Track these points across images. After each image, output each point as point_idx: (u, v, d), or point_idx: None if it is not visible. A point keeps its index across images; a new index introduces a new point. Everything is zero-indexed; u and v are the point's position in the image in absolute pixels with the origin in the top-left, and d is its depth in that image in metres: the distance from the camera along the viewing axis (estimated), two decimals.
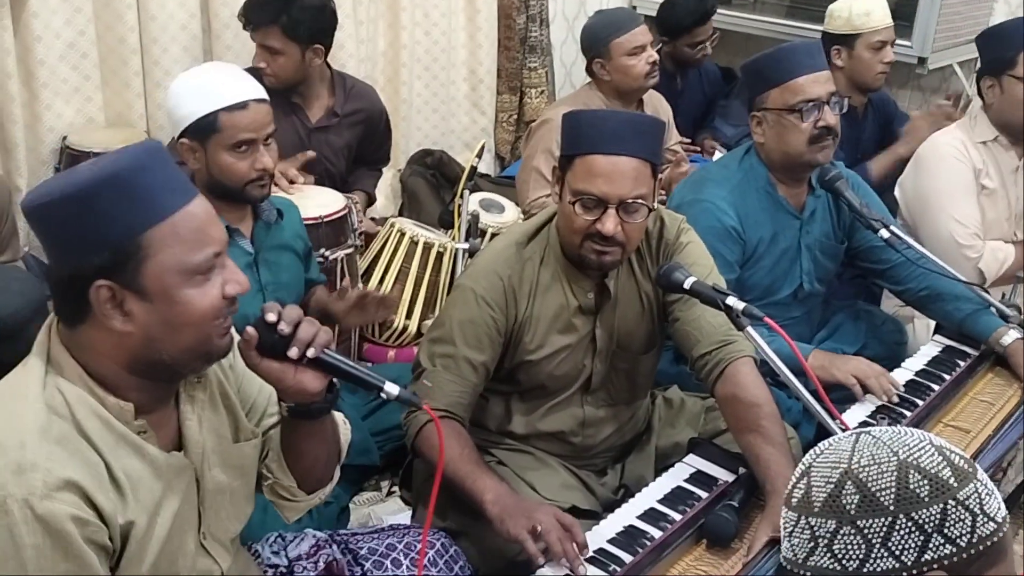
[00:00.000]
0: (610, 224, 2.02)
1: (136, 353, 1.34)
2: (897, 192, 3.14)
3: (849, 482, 1.09)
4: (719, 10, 4.36)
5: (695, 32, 4.19)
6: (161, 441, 1.43)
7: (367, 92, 3.56)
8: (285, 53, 3.19)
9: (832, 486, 1.09)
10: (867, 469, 1.09)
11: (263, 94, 2.30)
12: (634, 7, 4.87)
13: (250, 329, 1.40)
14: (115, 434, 1.35)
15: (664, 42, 4.20)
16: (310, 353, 1.40)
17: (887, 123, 3.77)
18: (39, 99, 3.32)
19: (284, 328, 1.39)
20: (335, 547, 1.92)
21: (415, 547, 1.94)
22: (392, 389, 1.43)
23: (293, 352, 1.39)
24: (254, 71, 3.22)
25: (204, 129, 2.24)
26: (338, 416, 1.64)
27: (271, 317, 1.39)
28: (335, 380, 1.48)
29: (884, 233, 2.49)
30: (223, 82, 2.26)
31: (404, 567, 1.89)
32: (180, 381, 1.46)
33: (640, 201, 2.03)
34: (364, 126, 3.52)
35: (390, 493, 2.79)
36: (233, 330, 1.44)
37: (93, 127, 3.45)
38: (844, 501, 1.08)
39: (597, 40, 3.49)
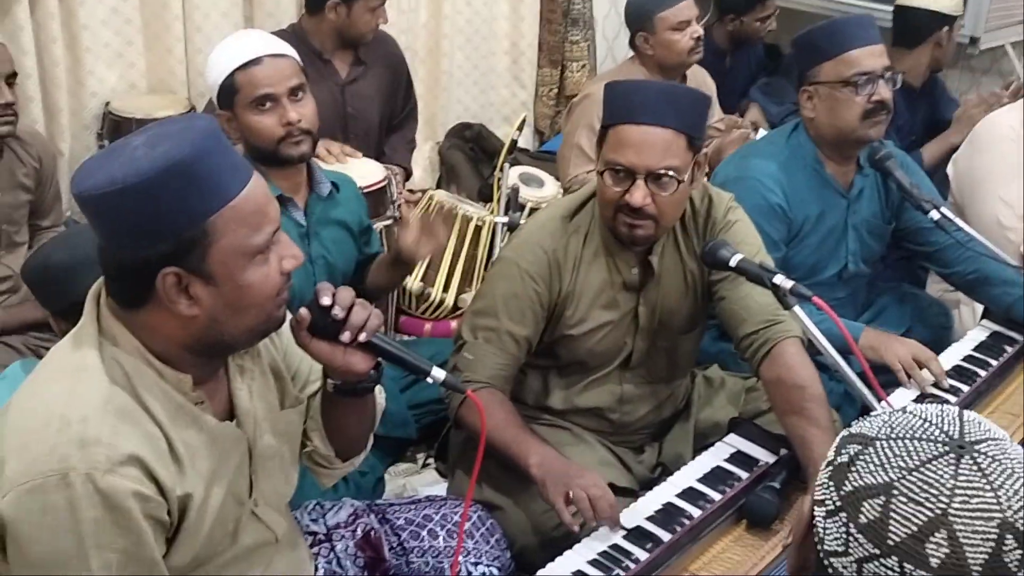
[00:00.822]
0: (638, 195, 1.98)
1: (198, 334, 1.34)
2: (950, 169, 3.08)
3: (1010, 536, 0.92)
4: (777, 7, 4.31)
5: (766, 5, 4.13)
6: (214, 411, 1.43)
7: (383, 36, 3.55)
8: None
9: (992, 543, 0.91)
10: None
11: (281, 49, 2.27)
12: None
13: (303, 311, 1.40)
14: (174, 405, 1.35)
15: (731, 19, 4.15)
16: (361, 338, 1.40)
17: (935, 106, 3.71)
18: (82, 64, 3.33)
19: (338, 312, 1.39)
20: (372, 516, 1.92)
21: (451, 518, 1.94)
22: (439, 374, 1.44)
23: (345, 336, 1.39)
24: (292, 31, 3.22)
25: (228, 94, 2.24)
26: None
27: (325, 300, 1.39)
28: (379, 359, 1.48)
29: (934, 214, 2.43)
30: (236, 44, 2.26)
31: (440, 538, 1.89)
32: (229, 355, 1.46)
33: (671, 173, 1.98)
34: (389, 72, 3.52)
35: (425, 465, 2.79)
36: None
37: (135, 93, 3.47)
38: (1006, 560, 0.91)
39: (642, 13, 3.44)
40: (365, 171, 3.03)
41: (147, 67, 3.48)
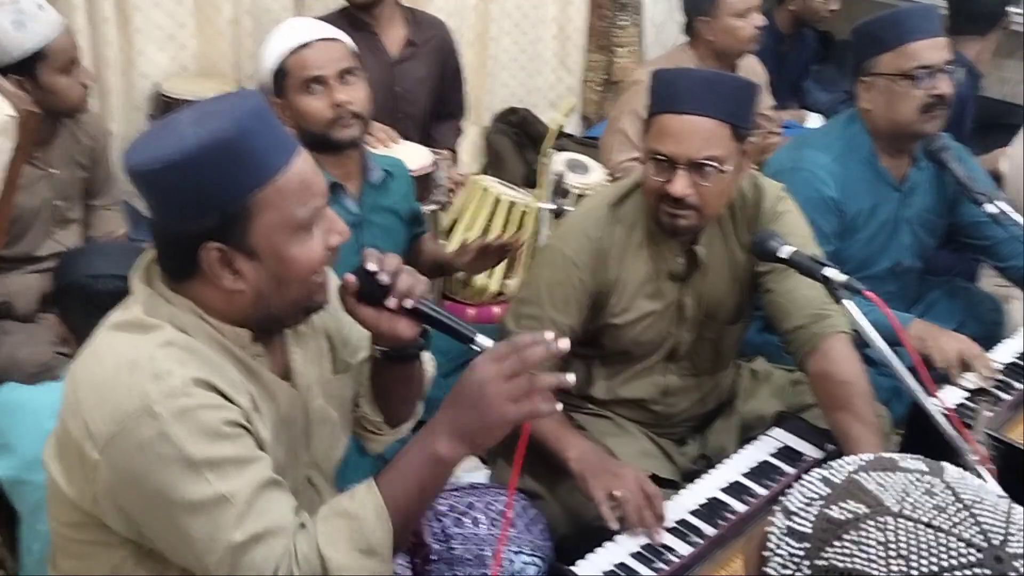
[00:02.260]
0: (679, 185, 1.96)
1: (244, 309, 1.35)
2: (1003, 165, 3.02)
3: None
4: None
5: None
6: (272, 370, 1.45)
7: (434, 19, 3.57)
8: None
9: None
10: None
11: (332, 34, 2.29)
12: None
13: (350, 276, 1.41)
14: (234, 357, 1.37)
15: None
16: (407, 303, 1.41)
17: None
18: (133, 44, 3.37)
19: (384, 278, 1.39)
20: None
21: (494, 507, 1.94)
22: (485, 341, 1.41)
23: (391, 302, 1.40)
24: (344, 12, 3.23)
25: (279, 79, 2.25)
26: (424, 354, 1.63)
27: (371, 266, 1.39)
28: (426, 326, 1.48)
29: (991, 208, 2.39)
30: (287, 31, 2.28)
31: (484, 525, 1.89)
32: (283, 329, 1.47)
33: (712, 164, 1.96)
34: (439, 54, 3.51)
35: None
36: (333, 274, 1.45)
37: (186, 75, 3.49)
38: None
39: None
40: (413, 155, 3.03)
41: (197, 49, 3.51)
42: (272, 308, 1.36)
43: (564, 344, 1.32)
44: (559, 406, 1.31)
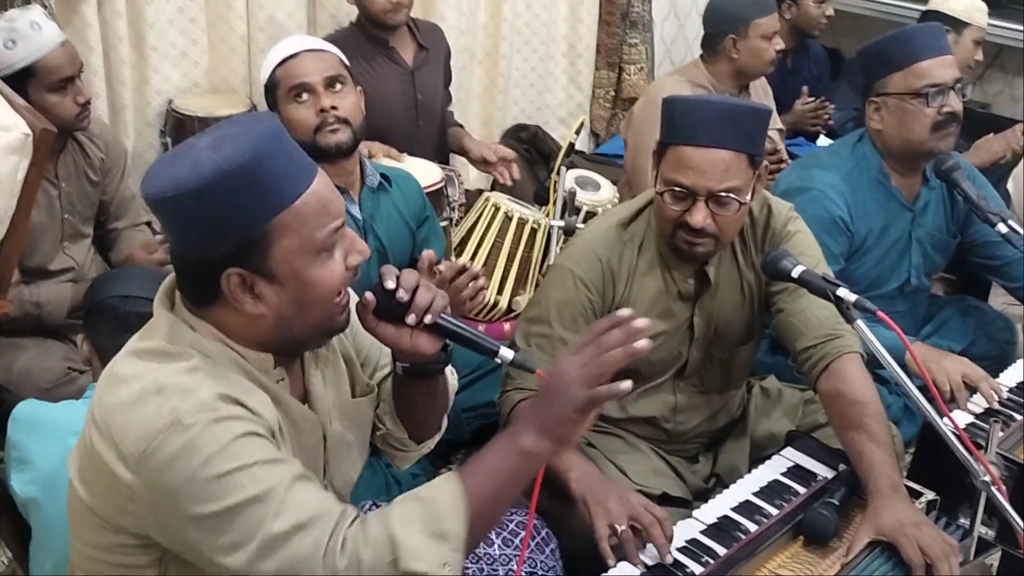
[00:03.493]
0: (699, 216, 1.97)
1: (266, 333, 1.36)
2: (1010, 185, 3.02)
3: None
4: None
5: None
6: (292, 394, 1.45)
7: (432, 24, 3.62)
8: None
9: None
10: None
11: (320, 46, 2.33)
12: None
13: (368, 294, 1.41)
14: (258, 383, 1.37)
15: (788, 6, 4.07)
16: (427, 319, 1.40)
17: None
18: (147, 62, 3.39)
19: (402, 295, 1.39)
20: None
21: (506, 525, 1.93)
22: (507, 354, 1.42)
23: (411, 319, 1.40)
24: (355, 27, 3.25)
25: (271, 91, 2.29)
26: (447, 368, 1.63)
27: (389, 284, 1.39)
28: (448, 341, 1.47)
29: (1002, 227, 2.38)
30: (279, 47, 2.33)
31: (496, 545, 1.88)
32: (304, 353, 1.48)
33: (731, 195, 1.97)
34: (444, 59, 3.57)
35: None
36: (352, 292, 1.44)
37: (198, 91, 3.51)
38: None
39: (736, 16, 3.31)
40: (422, 171, 3.04)
41: (210, 66, 3.53)
42: (295, 332, 1.36)
43: (642, 323, 1.35)
44: (627, 384, 1.31)
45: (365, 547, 1.27)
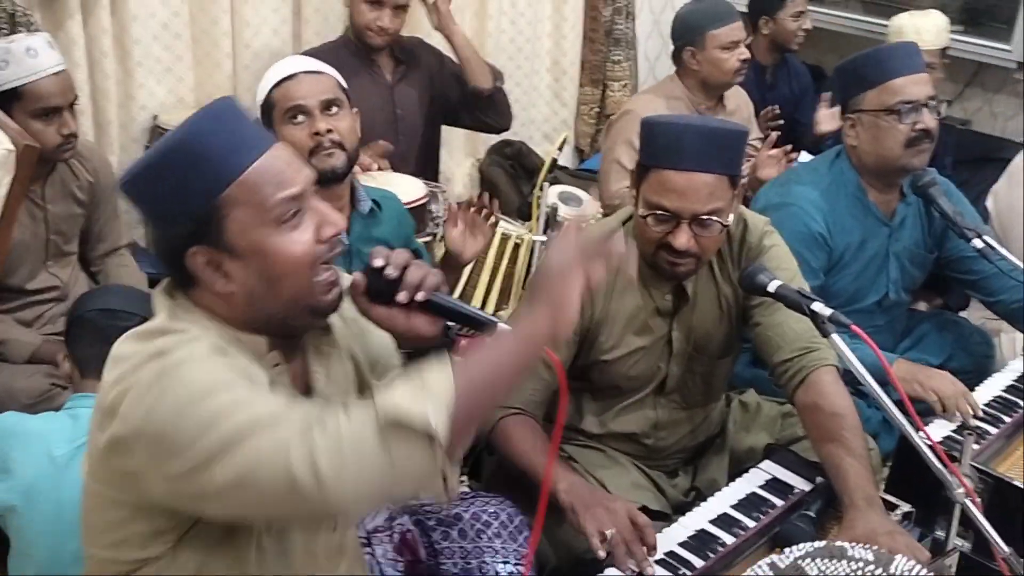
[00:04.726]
0: (682, 238, 1.99)
1: (243, 311, 1.35)
2: (989, 201, 3.05)
3: None
4: (807, 7, 4.26)
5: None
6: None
7: (413, 39, 3.60)
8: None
9: None
10: None
11: (318, 67, 2.32)
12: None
13: (358, 275, 1.40)
14: (256, 364, 1.35)
15: (765, 22, 4.08)
16: (419, 296, 1.37)
17: None
18: (133, 78, 3.40)
19: (391, 272, 1.37)
20: (407, 517, 1.93)
21: (480, 516, 1.95)
22: (505, 328, 1.39)
23: (402, 296, 1.37)
24: (341, 42, 3.28)
25: (267, 112, 2.28)
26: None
27: (378, 262, 1.38)
28: (450, 324, 1.45)
29: (978, 243, 2.41)
30: (276, 67, 2.32)
31: (469, 538, 1.90)
32: (297, 335, 1.44)
33: (714, 217, 1.99)
34: (428, 76, 3.52)
35: (459, 481, 2.80)
36: (345, 278, 1.43)
37: (183, 107, 3.52)
38: None
39: (692, 28, 3.38)
40: (406, 187, 3.05)
41: (195, 82, 3.55)
42: (269, 308, 1.35)
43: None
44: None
45: (347, 420, 1.23)
